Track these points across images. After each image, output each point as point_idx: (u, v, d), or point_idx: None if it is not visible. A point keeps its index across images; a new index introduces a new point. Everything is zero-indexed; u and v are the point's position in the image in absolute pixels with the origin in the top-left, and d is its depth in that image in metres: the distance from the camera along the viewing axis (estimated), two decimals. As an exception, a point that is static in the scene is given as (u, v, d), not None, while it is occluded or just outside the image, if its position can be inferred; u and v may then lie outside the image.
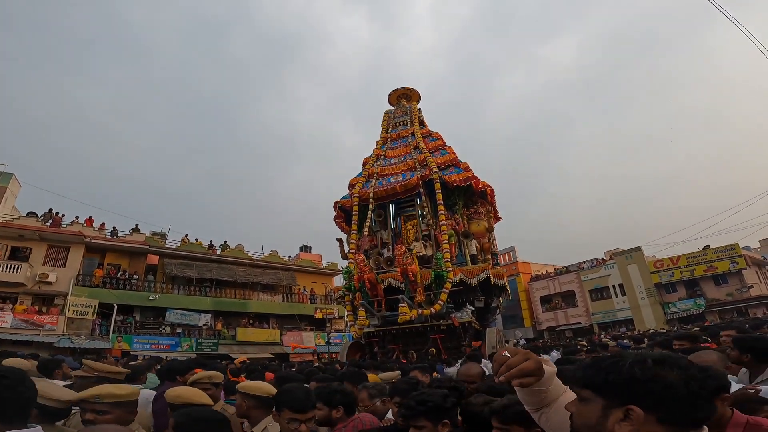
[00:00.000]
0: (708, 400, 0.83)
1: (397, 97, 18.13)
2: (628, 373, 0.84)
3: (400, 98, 18.09)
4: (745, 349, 2.67)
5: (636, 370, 0.83)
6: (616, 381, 0.85)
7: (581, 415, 0.91)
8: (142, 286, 23.14)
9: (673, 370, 0.83)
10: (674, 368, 0.83)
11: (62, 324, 19.33)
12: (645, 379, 0.82)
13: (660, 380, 0.81)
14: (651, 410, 0.81)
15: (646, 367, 0.83)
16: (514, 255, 39.85)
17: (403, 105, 17.66)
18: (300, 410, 2.08)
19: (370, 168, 15.23)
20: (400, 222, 14.70)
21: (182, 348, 21.99)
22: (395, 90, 18.16)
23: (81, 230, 22.09)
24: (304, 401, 2.11)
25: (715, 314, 28.03)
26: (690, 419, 0.82)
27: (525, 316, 36.69)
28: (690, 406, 0.81)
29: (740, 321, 16.09)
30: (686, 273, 30.17)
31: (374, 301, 12.25)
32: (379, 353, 12.53)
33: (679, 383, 0.81)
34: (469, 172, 13.88)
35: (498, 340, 12.55)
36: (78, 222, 22.72)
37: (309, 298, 28.83)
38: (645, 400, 0.81)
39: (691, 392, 0.81)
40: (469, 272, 12.27)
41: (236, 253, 27.46)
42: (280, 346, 25.08)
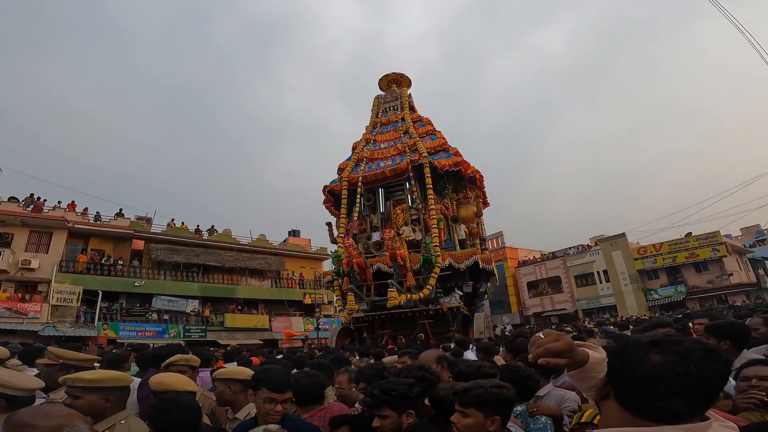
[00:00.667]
0: (688, 394, 0.74)
1: (388, 83, 18.05)
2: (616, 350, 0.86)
3: (390, 83, 18.01)
4: (722, 335, 2.66)
5: (619, 347, 0.84)
6: (609, 358, 0.88)
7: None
8: (127, 272, 22.75)
9: (659, 354, 0.77)
10: (662, 354, 0.77)
11: (46, 312, 18.99)
12: (624, 362, 0.81)
13: (629, 362, 0.79)
14: (619, 394, 0.81)
15: (632, 348, 0.82)
16: (502, 240, 40.17)
17: (394, 90, 17.60)
18: (277, 390, 2.06)
19: (359, 152, 15.14)
20: (390, 206, 14.68)
21: (169, 335, 21.76)
22: (386, 75, 18.08)
23: (63, 215, 21.58)
24: (282, 381, 2.09)
25: (695, 301, 28.68)
26: (650, 409, 0.76)
27: (512, 301, 37.18)
28: (654, 395, 0.75)
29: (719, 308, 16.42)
30: (668, 260, 30.74)
31: (363, 286, 12.26)
32: (368, 338, 12.59)
33: (652, 370, 0.76)
34: (459, 157, 13.87)
35: (486, 326, 12.72)
36: (60, 207, 22.16)
37: (298, 284, 28.68)
38: (619, 383, 0.82)
39: (653, 379, 0.75)
40: (458, 257, 12.33)
41: (224, 238, 27.09)
42: (269, 332, 25.05)
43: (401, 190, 14.63)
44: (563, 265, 35.24)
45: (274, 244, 29.66)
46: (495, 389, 1.69)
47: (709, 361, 0.76)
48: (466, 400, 1.67)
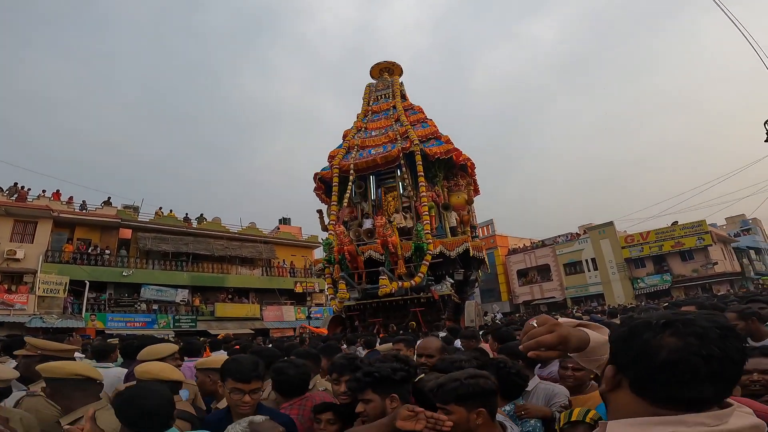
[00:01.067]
0: (705, 378, 0.69)
1: (380, 71, 17.99)
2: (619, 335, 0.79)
3: (382, 72, 17.94)
4: None
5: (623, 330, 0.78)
6: (614, 344, 0.82)
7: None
8: (114, 261, 22.43)
9: (673, 336, 0.71)
10: (676, 336, 0.71)
11: (33, 303, 18.74)
12: (622, 337, 0.77)
13: (642, 347, 0.73)
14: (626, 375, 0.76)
15: (638, 331, 0.75)
16: (492, 228, 40.36)
17: (385, 78, 17.55)
18: (243, 380, 1.99)
19: (350, 140, 15.04)
20: (381, 193, 14.66)
21: (159, 325, 21.59)
22: (378, 63, 18.02)
23: (48, 204, 21.16)
24: (249, 371, 2.02)
25: (680, 290, 29.18)
26: (666, 396, 0.71)
27: (502, 290, 37.51)
28: (675, 383, 0.70)
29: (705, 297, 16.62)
30: (654, 248, 31.15)
31: (354, 274, 12.24)
32: (360, 327, 12.63)
33: (671, 355, 0.70)
34: (450, 145, 13.86)
35: (477, 314, 12.80)
36: (45, 196, 21.73)
37: (289, 272, 28.54)
38: (622, 361, 0.77)
39: (682, 365, 0.69)
40: (449, 244, 12.36)
41: (213, 226, 26.78)
42: (261, 321, 24.97)
43: (392, 178, 14.60)
44: (552, 254, 35.56)
45: (264, 233, 29.40)
46: (471, 380, 1.60)
47: (730, 341, 0.70)
48: (444, 396, 1.60)
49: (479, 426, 1.56)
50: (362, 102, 17.10)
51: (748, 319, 2.97)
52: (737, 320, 2.94)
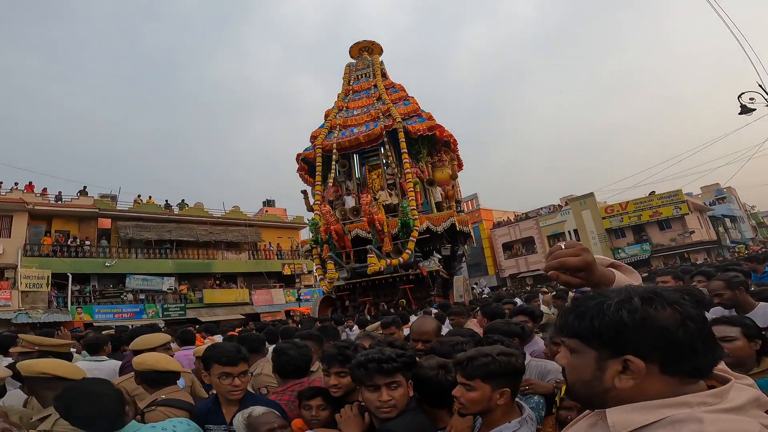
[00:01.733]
0: (710, 343, 0.71)
1: (359, 50, 17.79)
2: (615, 316, 0.72)
3: (361, 51, 17.76)
4: None
5: (623, 312, 0.71)
6: (603, 327, 0.73)
7: (574, 370, 0.79)
8: (96, 252, 21.96)
9: (665, 308, 0.71)
10: (666, 306, 0.71)
11: (16, 298, 18.38)
12: (635, 323, 0.70)
13: (652, 323, 0.70)
14: (650, 360, 0.70)
15: (634, 308, 0.71)
16: (477, 202, 40.53)
17: (365, 58, 17.41)
18: (230, 363, 1.96)
19: (332, 120, 14.89)
20: (365, 172, 14.62)
21: (147, 315, 21.25)
22: (357, 43, 17.83)
23: (22, 197, 20.54)
24: (234, 354, 2.00)
25: (659, 259, 29.90)
26: (692, 367, 0.70)
27: (489, 264, 38.00)
28: (690, 352, 0.69)
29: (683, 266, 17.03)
30: (633, 218, 31.75)
31: (342, 253, 12.27)
32: (350, 307, 12.73)
33: (674, 325, 0.69)
34: (433, 121, 13.85)
35: (465, 289, 13.04)
36: (18, 189, 21.04)
37: (276, 254, 28.29)
38: (640, 347, 0.70)
39: (689, 335, 0.69)
40: (435, 219, 12.46)
41: (196, 212, 26.25)
42: (251, 306, 24.89)
43: (376, 156, 14.58)
44: (536, 226, 36.02)
45: (248, 216, 28.98)
46: (504, 357, 1.53)
47: (701, 307, 0.74)
48: (471, 371, 1.49)
49: (500, 406, 1.51)
50: (342, 82, 16.95)
51: (736, 289, 2.79)
52: (724, 289, 2.80)
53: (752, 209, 47.75)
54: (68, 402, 1.57)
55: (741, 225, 39.62)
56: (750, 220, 44.28)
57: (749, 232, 40.75)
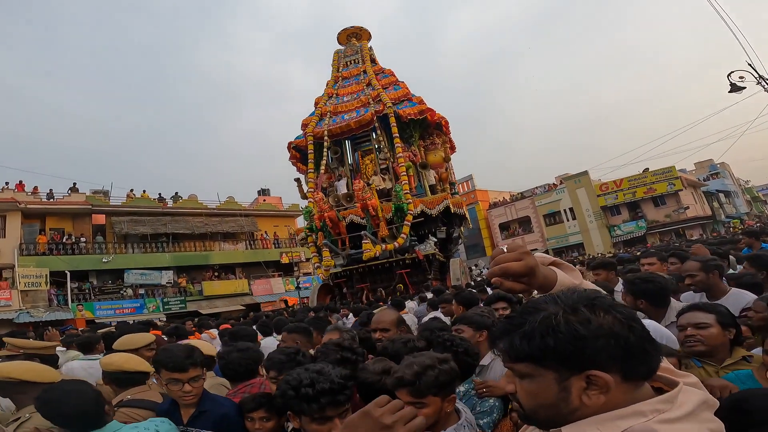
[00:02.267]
0: (654, 342, 0.70)
1: (347, 37, 17.59)
2: (569, 330, 0.68)
3: (350, 37, 17.57)
4: (638, 294, 2.48)
5: (576, 325, 0.68)
6: (559, 344, 0.68)
7: (531, 396, 0.73)
8: (92, 248, 21.90)
9: (608, 314, 0.69)
10: (608, 312, 0.70)
11: (16, 298, 18.37)
12: (591, 334, 0.67)
13: (606, 331, 0.67)
14: (613, 370, 0.67)
15: (584, 318, 0.68)
16: (472, 183, 40.40)
17: (354, 44, 17.27)
18: (177, 369, 1.85)
19: (322, 107, 14.79)
20: (358, 157, 14.58)
21: (148, 309, 21.33)
22: (345, 29, 17.63)
23: (13, 196, 20.40)
24: (183, 359, 1.88)
25: (655, 236, 29.98)
26: (646, 371, 0.69)
27: (486, 244, 38.01)
28: (643, 355, 0.68)
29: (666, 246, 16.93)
30: (628, 195, 31.75)
31: (338, 240, 12.28)
32: (348, 293, 12.79)
33: (624, 329, 0.68)
34: (423, 105, 13.78)
35: (462, 271, 13.10)
36: (8, 188, 20.87)
37: (273, 243, 28.25)
38: (600, 359, 0.67)
39: (638, 337, 0.68)
40: (429, 203, 12.46)
41: (190, 204, 26.10)
42: (250, 296, 24.95)
43: (368, 141, 14.51)
44: (532, 205, 36.03)
45: (243, 206, 28.88)
46: (446, 366, 1.45)
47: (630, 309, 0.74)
48: (423, 388, 1.39)
49: (446, 413, 1.43)
50: (331, 69, 16.80)
51: (710, 272, 2.64)
52: (698, 271, 2.65)
53: (746, 184, 47.76)
54: (49, 402, 1.57)
55: (735, 200, 39.71)
56: (744, 194, 44.39)
57: (744, 207, 40.84)
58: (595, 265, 4.35)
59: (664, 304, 2.47)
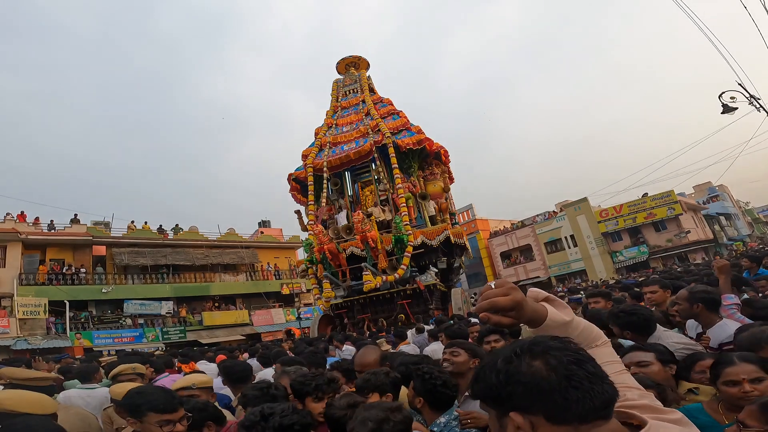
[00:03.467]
0: (588, 385, 0.71)
1: (346, 66, 17.90)
2: (495, 378, 0.74)
3: (348, 66, 17.87)
4: (624, 326, 2.58)
5: (501, 373, 0.73)
6: (486, 389, 0.75)
7: (492, 430, 0.80)
8: (92, 279, 21.91)
9: (535, 359, 0.72)
10: (538, 356, 0.72)
11: (14, 326, 18.36)
12: (511, 380, 0.72)
13: (518, 378, 0.71)
14: (533, 412, 0.70)
15: (512, 365, 0.73)
16: (472, 213, 40.42)
17: (352, 73, 17.51)
18: (167, 410, 1.81)
19: (321, 137, 14.97)
20: (358, 189, 14.65)
21: (147, 339, 21.25)
22: (343, 59, 17.94)
23: (15, 227, 20.50)
24: (169, 399, 1.85)
25: (658, 260, 29.68)
26: (578, 413, 0.69)
27: (488, 273, 37.68)
28: (564, 399, 0.69)
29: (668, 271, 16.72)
30: (629, 221, 31.64)
31: (338, 272, 12.24)
32: (349, 324, 12.65)
33: (540, 375, 0.71)
34: (422, 135, 13.92)
35: (464, 301, 12.99)
36: (10, 218, 20.99)
37: (274, 274, 28.29)
38: (518, 402, 0.72)
39: (556, 383, 0.70)
40: (429, 234, 12.46)
41: (190, 236, 26.35)
42: (251, 327, 24.77)
43: (367, 172, 14.60)
44: (533, 233, 35.96)
45: (244, 237, 29.12)
46: (399, 416, 1.51)
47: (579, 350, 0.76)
48: None
49: None
50: (331, 98, 17.03)
51: (694, 303, 2.66)
52: (683, 300, 2.71)
53: (746, 205, 47.65)
54: None
55: (736, 222, 39.56)
56: (745, 216, 44.18)
57: (745, 229, 40.62)
58: (591, 294, 4.60)
59: (648, 333, 2.54)
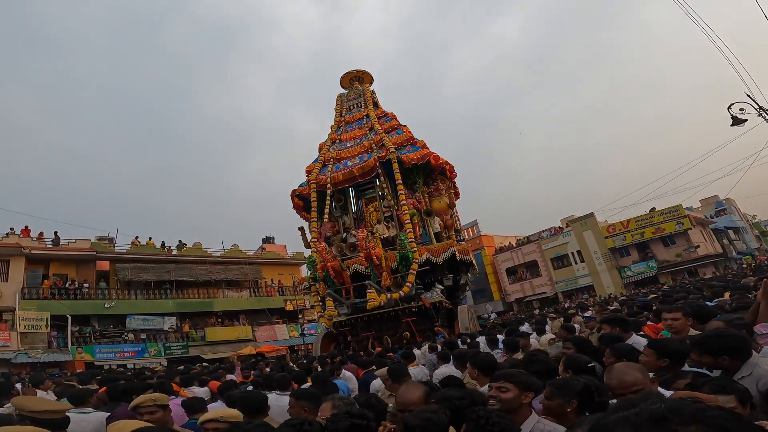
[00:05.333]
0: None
1: (350, 80, 17.91)
2: None
3: (352, 81, 17.87)
4: (662, 354, 2.52)
5: None
6: None
7: None
8: (95, 294, 21.89)
9: None
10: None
11: (15, 339, 18.28)
12: None
13: None
14: None
15: None
16: (477, 229, 40.22)
17: (356, 88, 17.47)
18: None
19: (325, 153, 14.89)
20: (362, 205, 14.51)
21: (149, 354, 21.16)
22: (347, 73, 17.96)
23: (18, 241, 20.55)
24: None
25: (667, 275, 29.27)
26: None
27: (494, 289, 37.33)
28: None
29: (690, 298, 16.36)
30: (637, 236, 31.30)
31: (342, 289, 12.04)
32: (353, 342, 12.40)
33: None
34: (426, 149, 13.80)
35: (470, 318, 12.72)
36: (14, 233, 21.04)
37: (278, 291, 28.24)
38: None
39: None
40: (435, 251, 12.26)
41: (194, 252, 26.41)
42: (254, 343, 24.55)
43: (372, 188, 14.47)
44: (539, 249, 35.62)
45: (248, 253, 29.14)
46: None
47: None
48: None
49: None
50: (335, 113, 16.99)
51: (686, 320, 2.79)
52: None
53: (753, 219, 47.44)
54: None
55: (745, 236, 39.31)
56: (753, 229, 43.97)
57: (754, 242, 40.45)
58: (606, 320, 4.28)
59: (745, 357, 2.31)
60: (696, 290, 9.08)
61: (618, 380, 1.99)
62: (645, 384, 1.96)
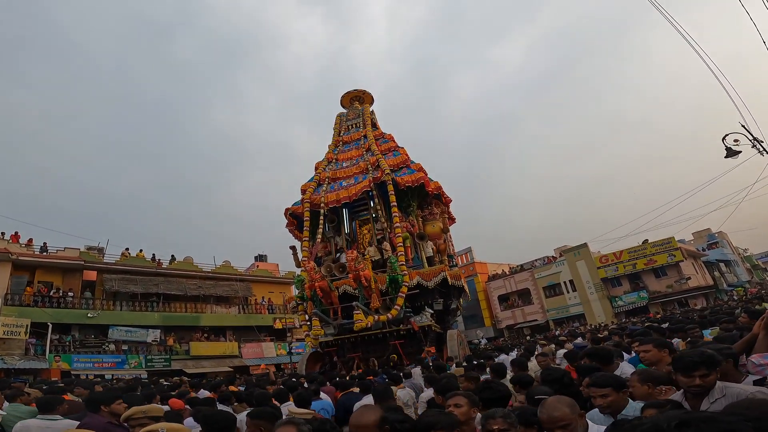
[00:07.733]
0: None
1: (350, 100, 18.01)
2: None
3: (352, 101, 17.98)
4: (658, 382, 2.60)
5: None
6: None
7: None
8: (78, 303, 21.47)
9: None
10: None
11: (-8, 345, 17.70)
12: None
13: None
14: None
15: None
16: (471, 256, 40.43)
17: (356, 107, 17.55)
18: None
19: (321, 172, 14.89)
20: (355, 226, 14.43)
21: (130, 365, 20.72)
22: (348, 92, 18.05)
23: (6, 247, 20.28)
24: None
25: (658, 306, 29.46)
26: None
27: (485, 315, 37.26)
28: None
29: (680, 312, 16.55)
30: (629, 267, 31.57)
31: (329, 310, 11.88)
32: (339, 362, 12.20)
33: None
34: (421, 173, 13.82)
35: (459, 343, 12.55)
36: (3, 239, 20.77)
37: (267, 309, 27.95)
38: None
39: None
40: (426, 275, 12.18)
41: (185, 266, 26.18)
42: (239, 359, 24.14)
43: (366, 210, 14.44)
44: (531, 277, 35.74)
45: (239, 270, 28.95)
46: None
47: None
48: None
49: None
50: (333, 132, 17.03)
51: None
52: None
53: (745, 252, 48.02)
54: None
55: (736, 268, 39.73)
56: (744, 263, 44.57)
57: (745, 275, 40.94)
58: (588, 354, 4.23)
59: None
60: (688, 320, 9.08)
61: (547, 415, 2.06)
62: (573, 419, 2.03)
